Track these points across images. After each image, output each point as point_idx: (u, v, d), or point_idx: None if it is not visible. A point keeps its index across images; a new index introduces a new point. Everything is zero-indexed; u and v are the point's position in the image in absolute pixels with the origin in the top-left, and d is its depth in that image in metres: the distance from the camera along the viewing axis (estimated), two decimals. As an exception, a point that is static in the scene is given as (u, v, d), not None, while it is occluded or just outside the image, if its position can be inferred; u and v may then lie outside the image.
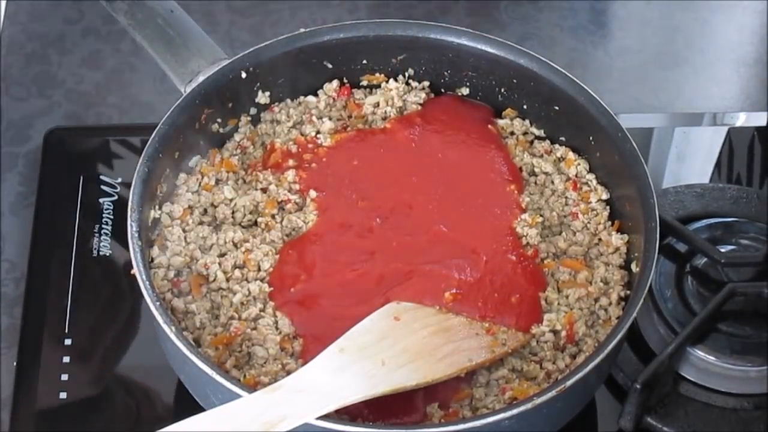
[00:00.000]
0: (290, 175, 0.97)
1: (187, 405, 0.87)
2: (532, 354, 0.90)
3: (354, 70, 1.04)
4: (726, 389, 0.97)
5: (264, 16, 1.27)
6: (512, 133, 1.03)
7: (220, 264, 0.91)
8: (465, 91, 1.04)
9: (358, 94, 1.04)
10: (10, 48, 1.24)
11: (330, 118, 1.02)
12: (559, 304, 0.92)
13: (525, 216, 0.96)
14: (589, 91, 0.98)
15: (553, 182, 1.00)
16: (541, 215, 0.97)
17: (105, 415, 0.96)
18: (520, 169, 1.00)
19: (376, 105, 1.03)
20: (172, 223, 0.93)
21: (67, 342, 0.99)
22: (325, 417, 0.79)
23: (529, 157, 1.01)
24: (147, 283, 0.85)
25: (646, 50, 1.28)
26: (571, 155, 1.00)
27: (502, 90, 1.03)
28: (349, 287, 0.91)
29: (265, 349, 0.87)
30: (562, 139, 1.02)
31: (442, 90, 1.05)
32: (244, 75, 0.98)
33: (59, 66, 1.23)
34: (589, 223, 0.97)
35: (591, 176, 0.99)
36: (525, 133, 1.03)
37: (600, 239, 0.96)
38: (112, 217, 1.07)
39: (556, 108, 1.00)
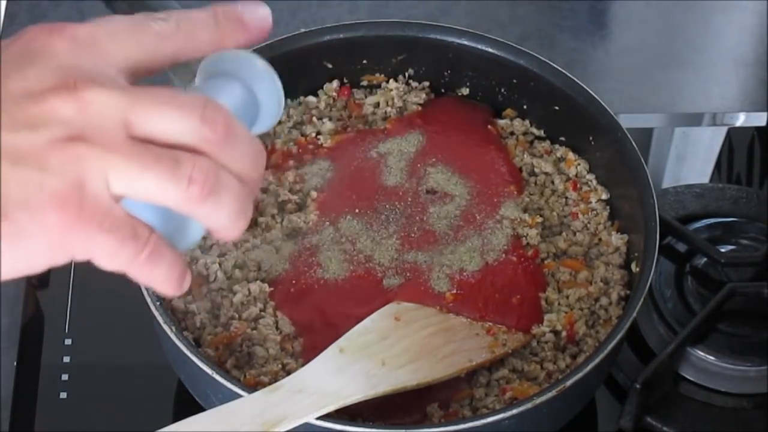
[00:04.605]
0: (290, 175, 0.97)
1: (187, 405, 0.87)
2: (532, 354, 0.90)
3: (354, 70, 1.04)
4: (726, 389, 0.97)
5: (264, 16, 1.26)
6: (512, 134, 1.03)
7: (220, 264, 0.91)
8: (465, 91, 1.04)
9: (358, 94, 1.04)
10: (10, 48, 1.24)
11: (330, 119, 1.02)
12: (559, 304, 0.92)
13: (525, 216, 0.96)
14: (589, 91, 0.98)
15: (553, 182, 1.00)
16: (541, 215, 0.97)
17: (105, 415, 0.96)
18: (520, 169, 1.00)
19: (376, 105, 1.03)
20: (172, 223, 0.93)
21: (67, 342, 0.99)
22: (325, 417, 0.79)
23: (529, 158, 1.01)
24: (147, 283, 0.85)
25: (646, 50, 1.28)
26: (571, 155, 1.00)
27: (502, 90, 1.03)
28: (350, 287, 0.91)
29: (265, 349, 0.87)
30: (562, 139, 1.02)
31: (442, 90, 1.05)
32: (244, 75, 0.98)
33: (59, 66, 1.23)
34: (589, 223, 0.97)
35: (591, 176, 0.99)
36: (525, 133, 1.03)
37: (600, 239, 0.96)
38: (112, 217, 1.07)
39: (556, 108, 1.00)
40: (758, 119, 1.20)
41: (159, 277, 0.57)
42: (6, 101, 0.55)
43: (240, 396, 0.79)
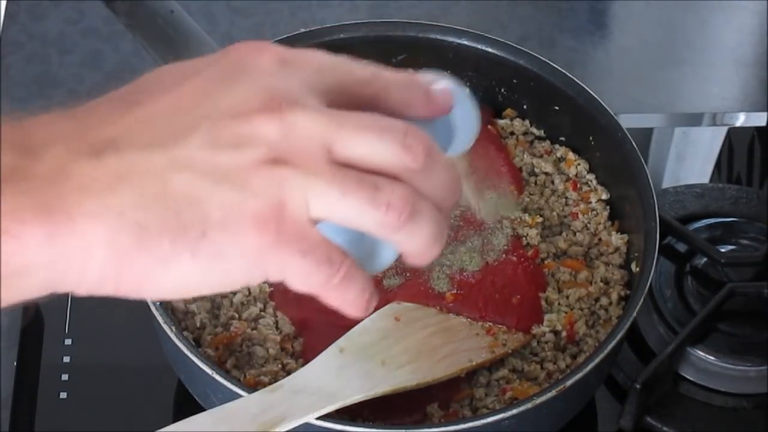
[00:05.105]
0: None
1: (187, 405, 0.87)
2: (532, 354, 0.90)
3: (354, 70, 1.04)
4: (726, 389, 0.97)
5: (264, 16, 1.27)
6: (512, 134, 1.03)
7: (220, 264, 0.91)
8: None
9: (359, 94, 1.04)
10: (10, 48, 1.24)
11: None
12: (559, 304, 0.92)
13: (525, 216, 0.96)
14: (589, 91, 0.98)
15: (553, 182, 1.00)
16: (541, 215, 0.97)
17: (105, 415, 0.95)
18: (520, 169, 1.00)
19: (376, 105, 1.03)
20: (172, 223, 0.93)
21: (67, 342, 0.99)
22: (325, 417, 0.79)
23: (529, 158, 1.01)
24: (147, 283, 0.85)
25: (646, 50, 1.28)
26: (571, 155, 1.00)
27: (502, 90, 1.03)
28: (350, 287, 0.91)
29: (265, 349, 0.87)
30: (562, 139, 1.02)
31: (442, 90, 1.05)
32: (244, 75, 0.98)
33: (59, 66, 1.23)
34: (589, 223, 0.97)
35: (591, 176, 0.99)
36: (525, 133, 1.03)
37: (600, 239, 0.96)
38: (112, 217, 1.07)
39: (556, 108, 1.00)
40: (758, 119, 1.20)
41: (348, 301, 0.57)
42: (213, 119, 0.55)
43: (240, 396, 0.79)
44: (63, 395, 0.96)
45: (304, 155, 0.54)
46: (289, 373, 0.85)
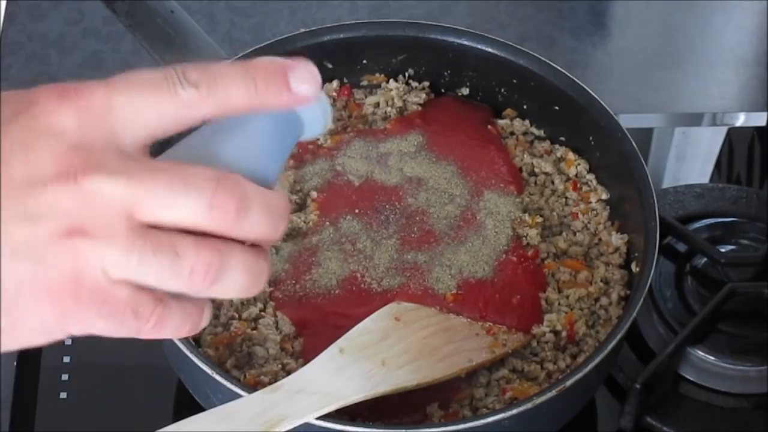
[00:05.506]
0: (290, 175, 0.97)
1: (187, 405, 0.87)
2: (532, 354, 0.90)
3: (354, 70, 1.04)
4: (726, 389, 0.97)
5: (264, 16, 1.27)
6: (512, 134, 1.03)
7: (220, 264, 0.91)
8: (465, 91, 1.04)
9: (358, 94, 1.04)
10: (10, 48, 1.24)
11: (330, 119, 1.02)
12: (559, 304, 0.92)
13: (525, 216, 0.96)
14: (589, 91, 0.98)
15: (553, 182, 1.00)
16: (541, 216, 0.97)
17: (105, 415, 0.95)
18: (520, 169, 1.00)
19: (377, 105, 1.03)
20: (172, 224, 0.93)
21: (67, 342, 0.99)
22: (325, 417, 0.79)
23: (529, 158, 1.01)
24: (147, 283, 0.85)
25: (646, 50, 1.28)
26: (571, 155, 1.01)
27: (502, 90, 1.03)
28: (350, 287, 0.91)
29: (265, 349, 0.87)
30: (562, 139, 1.02)
31: (442, 90, 1.05)
32: (244, 75, 0.98)
33: (59, 66, 1.23)
34: (589, 223, 0.97)
35: (591, 176, 1.00)
36: (525, 133, 1.03)
37: (600, 239, 0.96)
38: (112, 217, 1.07)
39: (556, 108, 1.00)
40: (758, 119, 1.20)
41: (167, 335, 0.56)
42: (8, 190, 0.53)
43: (240, 396, 0.79)
44: (63, 395, 0.96)
45: (101, 223, 0.53)
46: (289, 373, 0.85)
